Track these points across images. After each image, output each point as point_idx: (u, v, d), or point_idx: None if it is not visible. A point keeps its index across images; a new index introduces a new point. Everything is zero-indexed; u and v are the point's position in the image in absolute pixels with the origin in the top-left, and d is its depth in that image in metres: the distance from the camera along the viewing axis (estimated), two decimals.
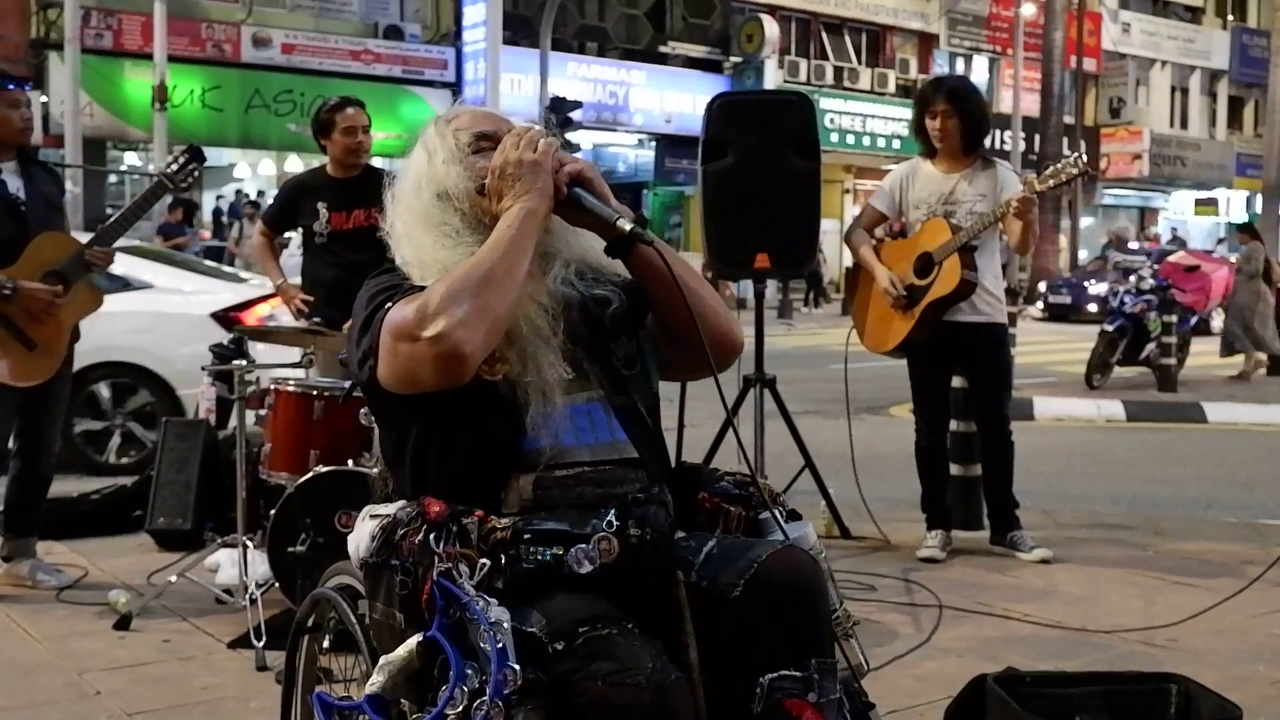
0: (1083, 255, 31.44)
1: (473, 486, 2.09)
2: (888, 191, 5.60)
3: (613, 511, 2.09)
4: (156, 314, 7.60)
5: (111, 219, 4.91)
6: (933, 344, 5.44)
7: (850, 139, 29.68)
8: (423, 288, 2.12)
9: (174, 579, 4.58)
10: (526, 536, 2.03)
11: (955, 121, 5.37)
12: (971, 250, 5.29)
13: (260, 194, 21.60)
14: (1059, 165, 5.31)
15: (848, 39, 31.51)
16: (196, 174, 5.04)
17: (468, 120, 2.34)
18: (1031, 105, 29.47)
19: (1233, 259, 23.39)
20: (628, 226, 2.17)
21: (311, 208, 5.45)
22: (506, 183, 2.18)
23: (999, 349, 5.54)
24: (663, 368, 2.36)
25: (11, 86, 4.83)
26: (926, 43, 32.67)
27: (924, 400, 5.63)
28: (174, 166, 4.94)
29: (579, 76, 25.53)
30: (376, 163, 5.79)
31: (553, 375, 2.14)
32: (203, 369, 5.58)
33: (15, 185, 4.79)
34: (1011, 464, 5.56)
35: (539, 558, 2.03)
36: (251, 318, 7.45)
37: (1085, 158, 5.33)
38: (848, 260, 7.20)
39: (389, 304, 2.13)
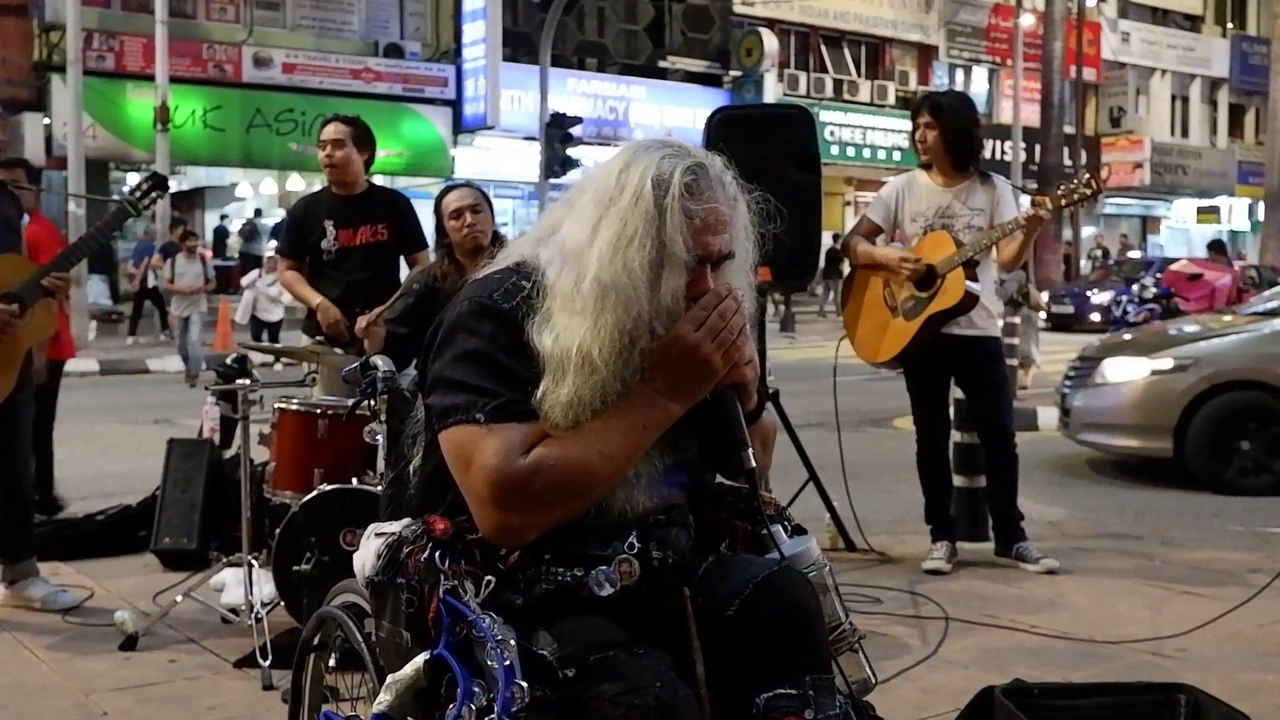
0: (1084, 265, 31.45)
1: None
2: (883, 203, 5.59)
3: (634, 533, 2.06)
4: None
5: (71, 245, 4.83)
6: (928, 354, 5.45)
7: (850, 151, 29.72)
8: (513, 406, 1.96)
9: (180, 599, 4.58)
10: (546, 557, 2.01)
11: (935, 134, 5.42)
12: (974, 265, 5.31)
13: (184, 224, 21.38)
14: (1071, 186, 5.35)
15: (847, 51, 31.57)
16: (159, 199, 4.99)
17: (704, 217, 2.00)
18: (1032, 115, 29.46)
19: (1235, 267, 23.38)
20: (750, 465, 2.05)
21: (319, 225, 5.46)
22: (672, 365, 2.00)
23: (995, 360, 5.55)
24: None
25: None
26: (926, 54, 32.73)
27: (923, 410, 5.64)
28: (137, 193, 4.89)
29: (579, 92, 25.58)
30: (378, 181, 5.79)
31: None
32: (206, 388, 5.57)
33: None
34: (1016, 475, 5.55)
35: (559, 578, 2.01)
36: None
37: (1097, 181, 5.33)
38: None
39: (500, 411, 1.96)
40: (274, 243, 19.14)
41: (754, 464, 2.05)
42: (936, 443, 5.64)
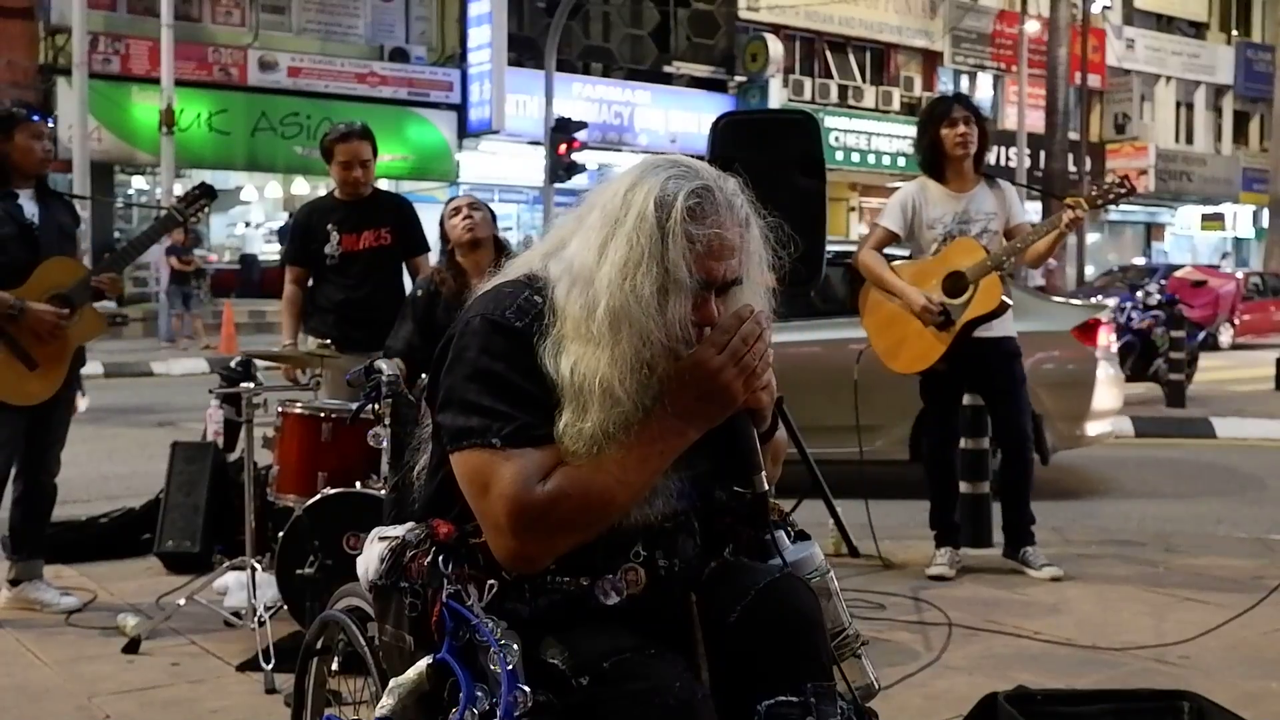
0: (1089, 271, 31.42)
1: None
2: (899, 211, 5.53)
3: (640, 541, 2.05)
4: None
5: (121, 248, 5.01)
6: (948, 359, 5.43)
7: (855, 157, 29.71)
8: (530, 431, 1.91)
9: (183, 602, 4.58)
10: (552, 566, 1.99)
11: (975, 131, 5.40)
12: (1004, 269, 5.32)
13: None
14: (1106, 185, 5.37)
15: (852, 57, 31.57)
16: (207, 209, 5.22)
17: (708, 241, 1.94)
18: (1036, 122, 29.51)
19: (1239, 274, 23.36)
20: (763, 489, 1.99)
21: (323, 231, 5.47)
22: (692, 390, 1.93)
23: (1013, 361, 5.51)
24: None
25: (36, 118, 4.95)
26: (931, 60, 32.72)
27: (934, 415, 5.63)
28: (185, 202, 5.11)
29: (584, 97, 25.61)
30: (383, 184, 5.81)
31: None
32: (210, 392, 5.58)
33: (31, 211, 4.87)
34: (1030, 478, 5.54)
35: (565, 587, 2.00)
36: None
37: (1129, 182, 5.35)
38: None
39: (516, 436, 1.91)
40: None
41: (766, 487, 2.01)
42: (945, 448, 5.63)
